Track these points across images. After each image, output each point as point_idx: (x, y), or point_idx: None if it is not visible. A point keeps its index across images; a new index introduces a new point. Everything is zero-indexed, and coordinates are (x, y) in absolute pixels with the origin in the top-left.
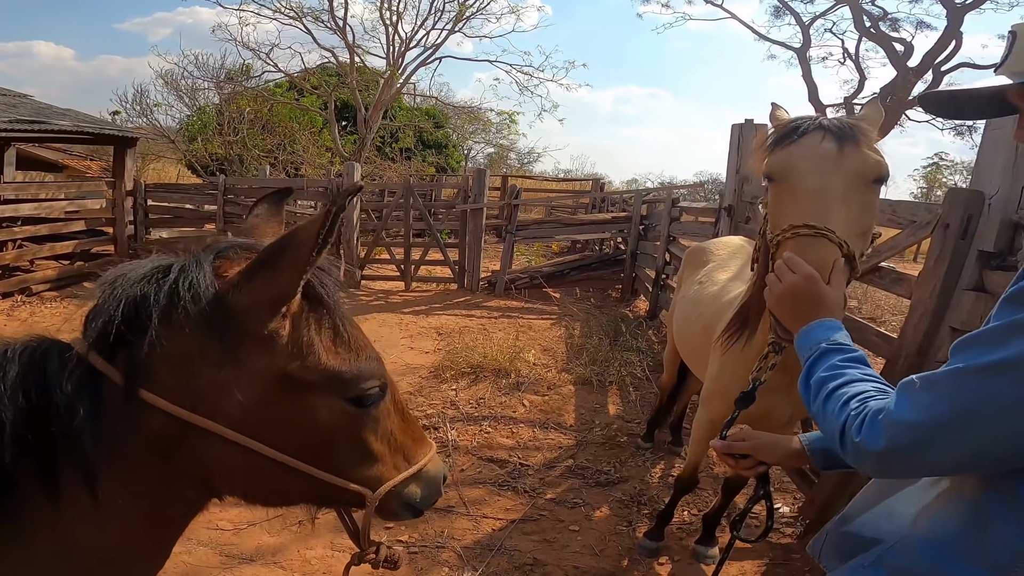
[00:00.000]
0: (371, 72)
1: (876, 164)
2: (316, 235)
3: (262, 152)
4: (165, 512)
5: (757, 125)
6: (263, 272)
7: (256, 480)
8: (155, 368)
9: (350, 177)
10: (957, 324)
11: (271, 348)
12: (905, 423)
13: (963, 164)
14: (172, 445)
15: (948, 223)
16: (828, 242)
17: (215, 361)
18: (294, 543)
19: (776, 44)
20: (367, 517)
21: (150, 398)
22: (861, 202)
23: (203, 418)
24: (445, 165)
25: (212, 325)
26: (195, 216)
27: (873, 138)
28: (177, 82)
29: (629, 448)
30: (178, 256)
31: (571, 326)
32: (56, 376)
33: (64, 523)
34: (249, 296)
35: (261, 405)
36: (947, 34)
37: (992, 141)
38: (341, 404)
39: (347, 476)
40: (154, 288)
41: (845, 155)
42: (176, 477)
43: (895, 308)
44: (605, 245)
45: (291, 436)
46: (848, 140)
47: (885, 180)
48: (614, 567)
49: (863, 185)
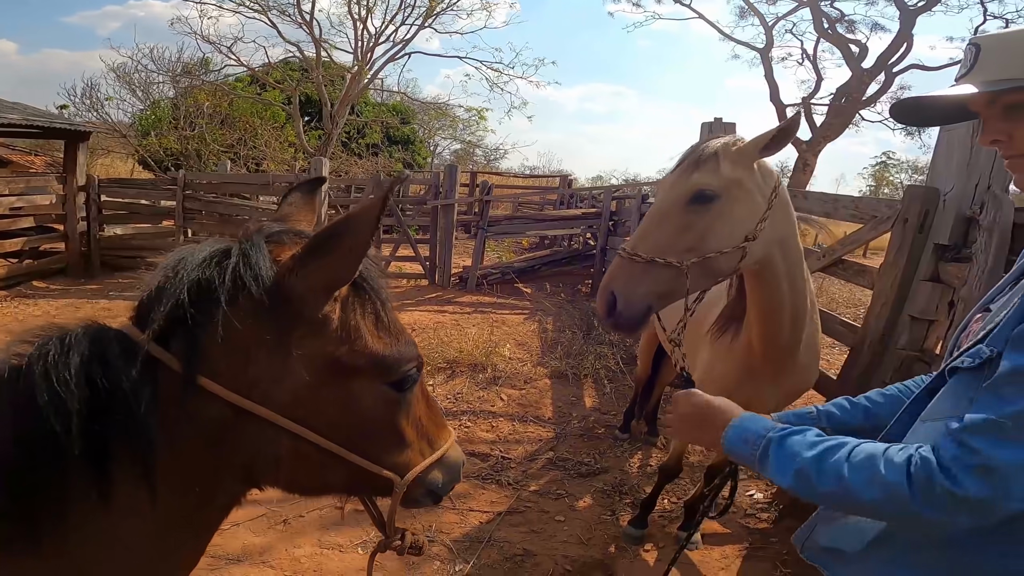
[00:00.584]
0: (337, 67)
1: (692, 187)
2: (374, 221)
3: (221, 147)
4: (210, 505)
5: (725, 124)
6: (320, 257)
7: (301, 468)
8: (212, 354)
9: (318, 172)
10: (916, 313)
11: (323, 332)
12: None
13: (909, 163)
14: (224, 433)
15: (907, 218)
16: (631, 263)
17: (270, 346)
18: (280, 542)
19: (741, 44)
20: (394, 503)
21: (208, 385)
22: (678, 223)
23: (257, 404)
24: (412, 161)
25: (270, 309)
26: (151, 212)
27: (736, 160)
28: (130, 76)
29: (607, 439)
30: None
31: (544, 320)
32: (120, 364)
33: (112, 520)
34: (306, 280)
35: (310, 391)
36: (900, 36)
37: (948, 142)
38: (383, 388)
39: (379, 462)
40: (217, 272)
41: (676, 182)
42: (223, 467)
43: (848, 301)
44: (574, 240)
45: (335, 422)
46: (688, 166)
47: (711, 199)
48: (602, 555)
49: (680, 208)
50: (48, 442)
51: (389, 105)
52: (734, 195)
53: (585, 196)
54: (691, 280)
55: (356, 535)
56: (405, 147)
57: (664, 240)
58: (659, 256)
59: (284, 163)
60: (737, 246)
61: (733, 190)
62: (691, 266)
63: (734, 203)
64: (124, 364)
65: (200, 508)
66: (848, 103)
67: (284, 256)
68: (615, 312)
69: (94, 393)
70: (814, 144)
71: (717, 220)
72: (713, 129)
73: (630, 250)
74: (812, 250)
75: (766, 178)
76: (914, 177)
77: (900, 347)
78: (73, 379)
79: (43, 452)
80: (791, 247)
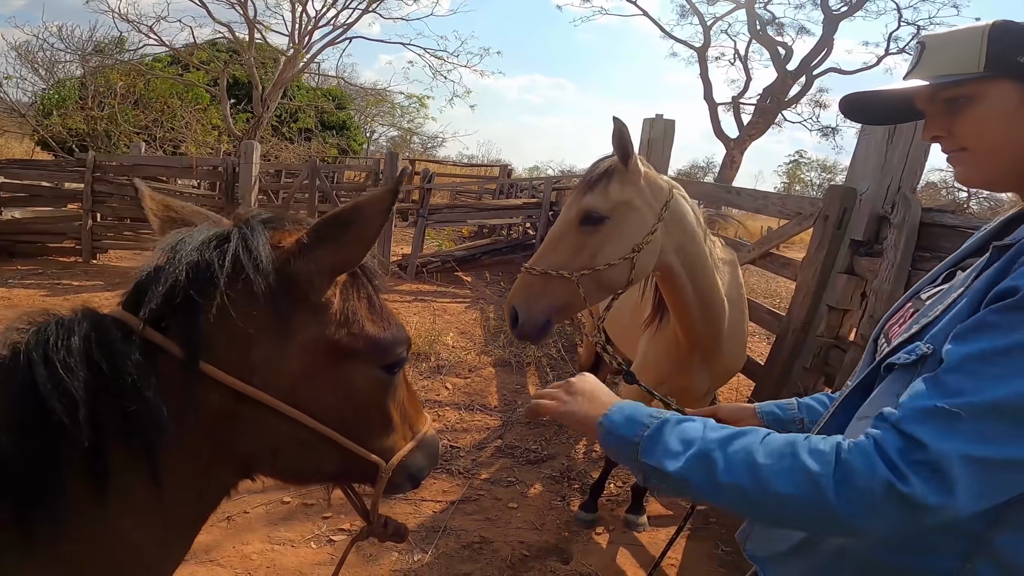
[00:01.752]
0: (271, 50)
1: (581, 211)
2: (385, 211)
3: (134, 128)
4: (204, 497)
5: (666, 120)
6: (326, 244)
7: (297, 455)
8: (212, 339)
9: (248, 156)
10: (833, 303)
11: (323, 317)
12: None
13: (819, 161)
14: (223, 421)
15: (828, 215)
16: (531, 277)
17: (272, 330)
18: (227, 539)
19: (680, 43)
20: (379, 489)
21: (209, 371)
22: (571, 242)
23: (258, 390)
24: (347, 147)
25: (272, 294)
26: (55, 195)
27: (626, 179)
28: (34, 55)
29: (552, 426)
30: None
31: (486, 309)
32: (122, 350)
33: (116, 518)
34: (310, 266)
35: (310, 376)
36: (823, 39)
37: (865, 145)
38: (376, 372)
39: (368, 447)
40: (218, 255)
41: (570, 205)
42: (221, 457)
43: (766, 292)
44: (512, 230)
45: (332, 407)
46: (581, 189)
47: (601, 220)
48: (556, 539)
49: (572, 229)
50: (49, 432)
51: (324, 89)
52: (622, 214)
53: (525, 186)
54: (585, 292)
55: (307, 529)
56: (340, 133)
57: (560, 258)
58: (553, 270)
59: (207, 146)
60: (624, 257)
61: (621, 210)
62: (581, 278)
63: (622, 222)
64: (126, 349)
65: (196, 502)
66: (772, 103)
67: (286, 241)
68: (518, 324)
69: (99, 380)
70: (741, 142)
71: (606, 238)
72: (654, 125)
73: (529, 265)
74: (743, 243)
75: (656, 193)
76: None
77: (819, 334)
78: (80, 367)
79: (43, 443)
80: (689, 252)
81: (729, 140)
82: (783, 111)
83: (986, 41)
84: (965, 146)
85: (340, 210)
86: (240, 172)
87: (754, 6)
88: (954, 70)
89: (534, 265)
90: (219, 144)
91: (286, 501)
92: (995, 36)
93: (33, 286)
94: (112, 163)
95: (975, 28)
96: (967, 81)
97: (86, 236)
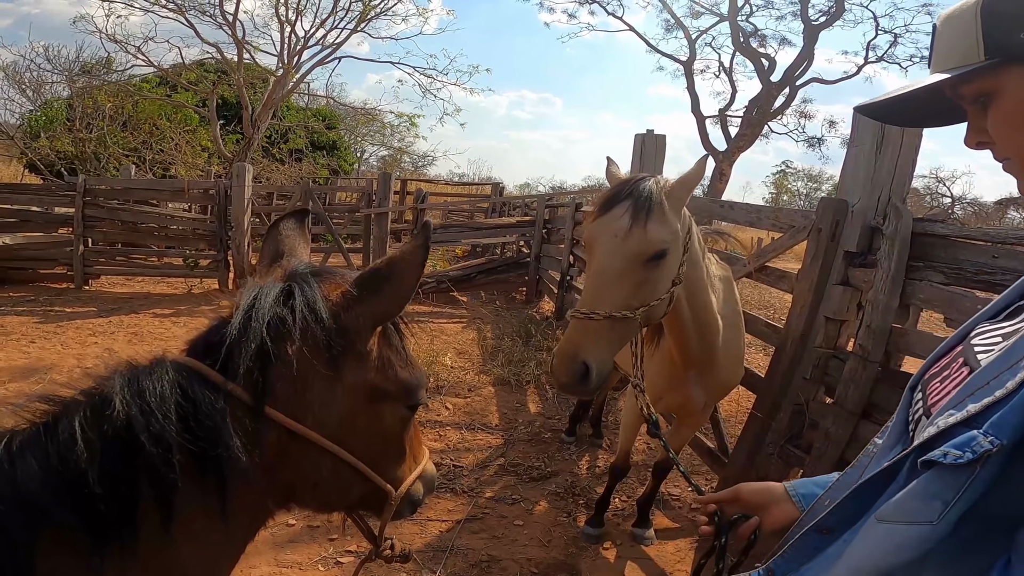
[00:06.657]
0: (260, 70)
1: (652, 245)
2: (419, 265)
3: (124, 150)
4: (251, 528)
5: (657, 136)
6: (370, 297)
7: (334, 487)
8: (276, 384)
9: (240, 179)
10: (830, 314)
11: (366, 363)
12: None
13: (805, 171)
14: (277, 457)
15: (821, 228)
16: (592, 322)
17: (324, 376)
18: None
19: (666, 57)
20: (387, 515)
21: (272, 413)
22: (635, 279)
23: (309, 430)
24: (338, 167)
25: (326, 343)
26: (45, 220)
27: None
28: (21, 75)
29: (554, 443)
30: (276, 280)
31: (483, 328)
32: (206, 399)
33: (172, 547)
34: (357, 318)
35: (352, 415)
36: (804, 50)
37: (854, 157)
38: (403, 411)
39: (385, 477)
40: (288, 311)
41: (630, 235)
42: (270, 490)
43: (760, 303)
44: (506, 248)
45: (366, 443)
46: (640, 217)
47: (664, 256)
48: (564, 555)
49: (638, 266)
50: (132, 469)
51: (314, 109)
52: (675, 245)
53: (517, 204)
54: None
55: (313, 551)
56: (330, 153)
57: (622, 297)
58: (618, 312)
59: (196, 168)
60: (668, 291)
61: (675, 240)
62: (640, 314)
63: (672, 253)
64: (211, 399)
65: (244, 533)
66: (759, 115)
67: (333, 294)
68: (589, 379)
69: (185, 426)
70: (729, 154)
71: (665, 272)
72: (646, 141)
73: (588, 310)
74: (738, 257)
75: (683, 221)
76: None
77: (817, 345)
78: (170, 412)
79: (127, 478)
80: (691, 277)
81: (718, 153)
82: (769, 122)
83: (979, 21)
84: (1008, 155)
85: (378, 265)
86: (232, 195)
87: (737, 19)
88: (960, 61)
89: (596, 309)
90: (209, 166)
91: (291, 523)
92: (986, 14)
93: (25, 313)
94: (102, 187)
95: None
96: (976, 74)
97: (78, 262)
